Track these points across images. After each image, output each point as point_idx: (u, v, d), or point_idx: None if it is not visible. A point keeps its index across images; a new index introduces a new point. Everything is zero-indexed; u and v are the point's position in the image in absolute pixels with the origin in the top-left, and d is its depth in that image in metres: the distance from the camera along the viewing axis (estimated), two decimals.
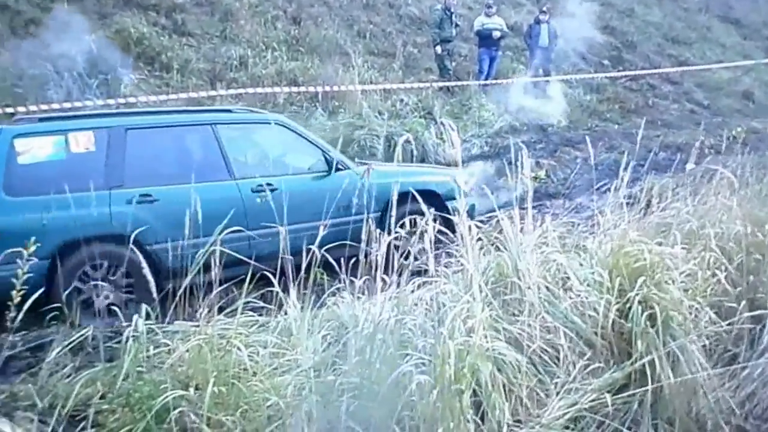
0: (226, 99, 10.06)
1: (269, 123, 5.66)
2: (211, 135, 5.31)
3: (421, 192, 5.08)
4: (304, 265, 3.40)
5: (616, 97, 14.22)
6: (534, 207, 4.04)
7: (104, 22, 10.84)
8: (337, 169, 5.61)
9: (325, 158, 5.64)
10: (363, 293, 3.38)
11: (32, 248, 2.86)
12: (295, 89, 10.85)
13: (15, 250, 2.98)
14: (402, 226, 5.16)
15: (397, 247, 3.10)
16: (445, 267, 3.56)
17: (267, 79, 11.09)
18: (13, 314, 2.92)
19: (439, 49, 12.59)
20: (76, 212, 4.40)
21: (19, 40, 10.06)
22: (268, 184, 5.06)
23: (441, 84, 12.46)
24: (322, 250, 3.29)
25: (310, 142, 5.72)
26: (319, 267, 3.38)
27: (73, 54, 9.91)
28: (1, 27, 10.20)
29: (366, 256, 3.17)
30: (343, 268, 3.40)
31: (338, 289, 3.80)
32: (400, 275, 3.18)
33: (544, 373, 3.13)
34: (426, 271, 3.29)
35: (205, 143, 5.34)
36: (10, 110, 8.61)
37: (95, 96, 9.46)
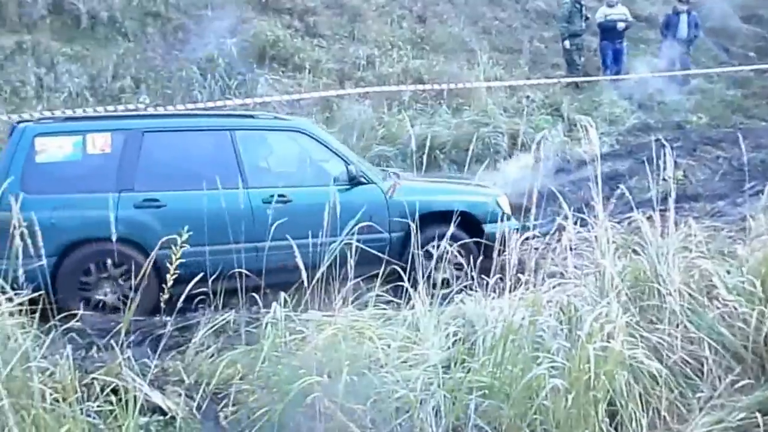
0: (354, 97, 10.30)
1: (292, 130, 5.44)
2: (229, 141, 5.08)
3: (452, 213, 4.77)
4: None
5: (763, 92, 13.12)
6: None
7: (243, 26, 11.43)
8: (360, 183, 5.20)
9: (348, 170, 5.20)
10: (490, 292, 3.38)
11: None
12: (420, 87, 10.90)
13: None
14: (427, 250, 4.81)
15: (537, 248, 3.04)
16: (577, 269, 3.47)
17: (393, 78, 11.22)
18: (165, 297, 3.19)
19: (567, 43, 12.18)
20: (83, 213, 4.52)
21: (168, 45, 10.87)
22: (281, 195, 4.86)
23: (569, 80, 12.07)
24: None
25: (334, 152, 5.34)
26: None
27: (215, 57, 10.59)
28: (153, 32, 11.04)
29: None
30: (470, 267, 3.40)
31: (465, 287, 3.81)
32: (531, 276, 3.14)
33: (685, 386, 2.97)
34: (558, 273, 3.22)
35: (221, 149, 5.08)
36: (161, 110, 9.34)
37: (234, 96, 10.03)
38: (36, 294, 2.85)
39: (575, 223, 3.15)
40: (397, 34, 12.51)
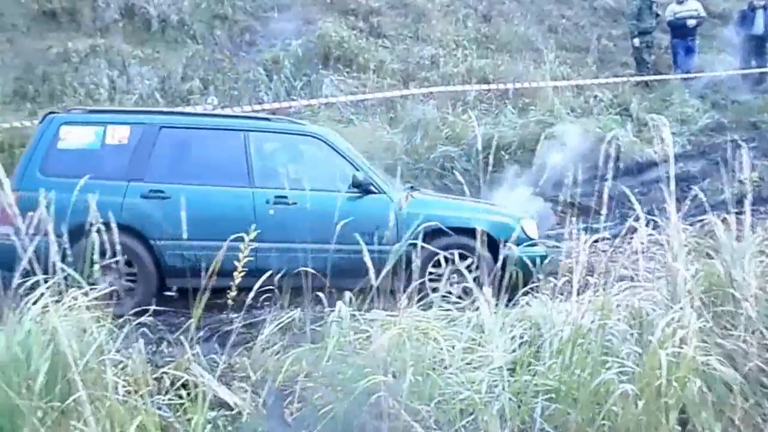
0: (418, 98, 10.30)
1: (306, 135, 5.47)
2: (241, 141, 5.20)
3: (466, 230, 4.80)
4: None
5: None
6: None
7: (308, 27, 11.61)
8: (369, 192, 5.17)
9: (358, 178, 5.16)
10: (556, 295, 3.31)
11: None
12: (485, 87, 10.82)
13: None
14: (437, 265, 4.88)
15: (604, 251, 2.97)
16: (648, 272, 3.37)
17: (457, 78, 11.18)
18: (233, 293, 3.25)
19: (637, 41, 11.84)
20: (91, 198, 4.69)
21: (235, 47, 11.14)
22: (284, 197, 4.88)
23: (639, 78, 11.73)
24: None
25: (346, 159, 5.33)
26: None
27: (281, 58, 10.78)
28: (221, 34, 11.34)
29: None
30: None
31: (532, 288, 3.75)
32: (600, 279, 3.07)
33: (761, 395, 2.84)
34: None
35: (233, 148, 5.21)
36: (228, 111, 9.58)
37: (299, 97, 10.19)
38: (111, 289, 2.96)
39: (646, 225, 3.05)
40: (461, 34, 12.45)
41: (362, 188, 5.10)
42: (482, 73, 11.37)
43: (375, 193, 5.17)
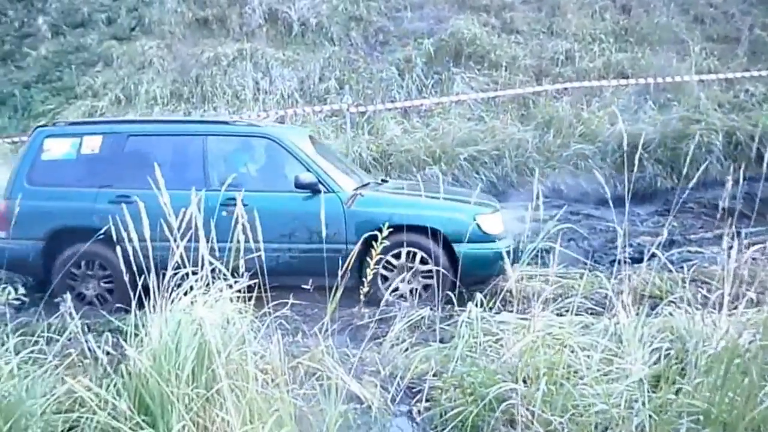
0: (552, 94, 10.01)
1: (260, 137, 5.48)
2: (200, 146, 5.33)
3: (417, 228, 4.76)
4: None
5: None
6: None
7: (440, 26, 11.61)
8: (318, 192, 5.07)
9: (299, 179, 5.10)
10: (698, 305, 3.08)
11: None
12: (623, 81, 10.34)
13: None
14: (378, 263, 4.59)
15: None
16: None
17: (593, 73, 10.77)
18: (365, 289, 3.30)
19: None
20: (66, 204, 5.14)
21: (369, 47, 11.38)
22: (233, 199, 4.74)
23: None
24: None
25: (298, 160, 5.28)
26: None
27: (413, 57, 10.88)
28: (356, 36, 11.62)
29: None
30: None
31: (676, 298, 3.52)
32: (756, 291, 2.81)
33: None
34: None
35: (192, 153, 5.34)
36: (362, 109, 9.81)
37: (430, 95, 10.22)
38: (252, 281, 3.09)
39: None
40: (599, 27, 11.96)
41: (308, 188, 5.08)
42: (620, 68, 10.91)
43: (327, 192, 5.11)
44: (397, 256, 4.91)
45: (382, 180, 6.23)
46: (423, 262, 4.89)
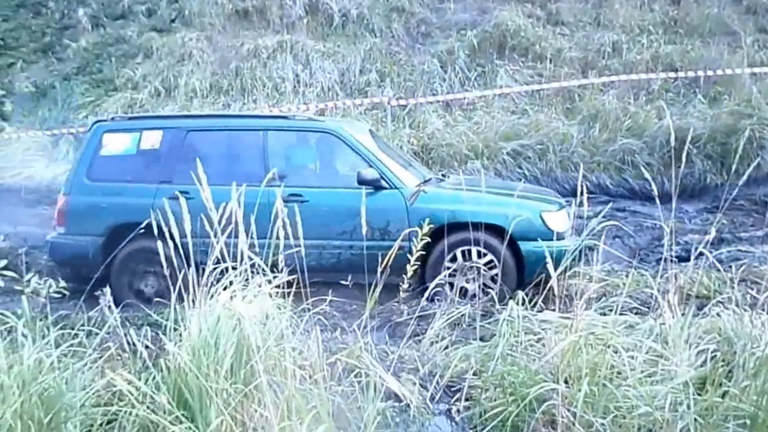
0: (598, 87, 9.82)
1: (322, 132, 5.38)
2: (260, 140, 5.26)
3: (480, 225, 4.58)
4: None
5: None
6: None
7: (484, 17, 11.49)
8: (381, 188, 4.99)
9: (362, 175, 4.98)
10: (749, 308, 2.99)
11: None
12: (672, 74, 10.10)
13: None
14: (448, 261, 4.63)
15: None
16: None
17: (641, 65, 10.52)
18: (405, 286, 3.29)
19: None
20: (127, 200, 5.10)
21: (411, 39, 11.32)
22: (298, 195, 4.74)
23: None
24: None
25: (361, 156, 5.18)
26: None
27: (455, 49, 10.78)
28: (398, 27, 11.57)
29: None
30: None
31: (724, 299, 3.41)
32: None
33: None
34: None
35: (252, 148, 5.28)
36: (403, 102, 9.78)
37: (473, 87, 10.13)
38: (292, 277, 3.11)
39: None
40: (647, 18, 11.68)
41: (370, 185, 4.96)
42: (669, 60, 10.65)
43: (389, 189, 5.05)
44: (459, 254, 4.83)
45: (443, 175, 6.14)
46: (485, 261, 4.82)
